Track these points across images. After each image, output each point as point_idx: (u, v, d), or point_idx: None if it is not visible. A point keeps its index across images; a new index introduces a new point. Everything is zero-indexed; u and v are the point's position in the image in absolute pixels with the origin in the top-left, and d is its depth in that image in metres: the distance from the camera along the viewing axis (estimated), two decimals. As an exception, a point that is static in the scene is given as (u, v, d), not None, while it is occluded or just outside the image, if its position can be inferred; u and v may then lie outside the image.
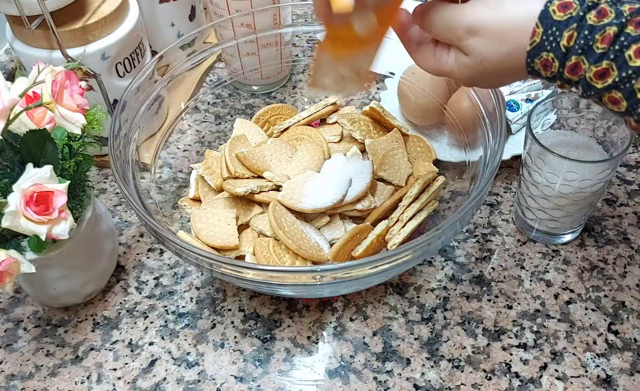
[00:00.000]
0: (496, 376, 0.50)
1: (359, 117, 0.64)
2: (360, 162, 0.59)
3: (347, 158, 0.60)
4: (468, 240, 0.61)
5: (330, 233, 0.56)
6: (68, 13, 0.60)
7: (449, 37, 0.41)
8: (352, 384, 0.50)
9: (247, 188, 0.56)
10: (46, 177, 0.44)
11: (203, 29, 0.65)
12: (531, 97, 0.70)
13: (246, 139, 0.63)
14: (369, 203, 0.57)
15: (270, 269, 0.46)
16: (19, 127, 0.47)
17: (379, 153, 0.61)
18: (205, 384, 0.51)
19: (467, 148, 0.60)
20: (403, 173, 0.60)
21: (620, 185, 0.65)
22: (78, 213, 0.50)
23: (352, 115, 0.64)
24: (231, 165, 0.58)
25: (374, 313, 0.55)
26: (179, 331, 0.54)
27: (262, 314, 0.55)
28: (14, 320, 0.56)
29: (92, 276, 0.55)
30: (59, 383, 0.51)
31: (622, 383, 0.49)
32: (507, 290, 0.56)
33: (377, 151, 0.61)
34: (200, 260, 0.45)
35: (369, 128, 0.64)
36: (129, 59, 0.65)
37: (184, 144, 0.67)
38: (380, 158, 0.61)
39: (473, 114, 0.58)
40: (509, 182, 0.66)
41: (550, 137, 0.59)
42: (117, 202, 0.67)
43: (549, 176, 0.55)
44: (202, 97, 0.71)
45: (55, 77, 0.45)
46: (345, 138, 0.65)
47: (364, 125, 0.64)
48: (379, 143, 0.62)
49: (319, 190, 0.55)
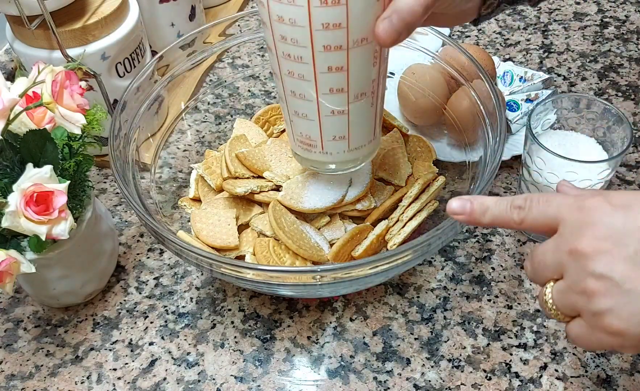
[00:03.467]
0: (496, 376, 0.50)
1: None
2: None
3: None
4: (468, 240, 0.61)
5: (330, 233, 0.56)
6: (68, 13, 0.60)
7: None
8: (352, 384, 0.50)
9: (247, 188, 0.56)
10: (46, 177, 0.44)
11: (203, 29, 0.65)
12: (531, 97, 0.70)
13: (246, 139, 0.63)
14: (369, 203, 0.57)
15: (270, 269, 0.46)
16: (19, 127, 0.47)
17: (379, 153, 0.61)
18: (205, 384, 0.51)
19: (467, 148, 0.60)
20: (403, 173, 0.60)
21: (620, 185, 0.65)
22: (78, 213, 0.50)
23: None
24: (231, 165, 0.58)
25: (374, 313, 0.55)
26: (179, 331, 0.54)
27: (262, 314, 0.55)
28: (14, 320, 0.56)
29: (92, 276, 0.55)
30: (59, 383, 0.51)
31: (622, 383, 0.49)
32: (507, 290, 0.56)
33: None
34: (200, 260, 0.45)
35: None
36: (129, 59, 0.65)
37: (184, 144, 0.67)
38: (381, 158, 0.61)
39: (473, 114, 0.58)
40: (509, 182, 0.66)
41: (550, 137, 0.59)
42: (117, 202, 0.67)
43: (549, 176, 0.55)
44: (202, 97, 0.71)
45: (55, 77, 0.45)
46: None
47: None
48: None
49: (319, 190, 0.55)
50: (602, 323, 0.35)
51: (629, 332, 0.34)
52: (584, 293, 0.35)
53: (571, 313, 0.37)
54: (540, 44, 0.85)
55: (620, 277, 0.34)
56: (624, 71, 0.79)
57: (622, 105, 0.74)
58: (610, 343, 0.36)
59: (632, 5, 0.91)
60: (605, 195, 0.36)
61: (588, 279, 0.35)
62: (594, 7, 0.92)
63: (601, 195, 0.36)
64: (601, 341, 0.36)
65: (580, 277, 0.35)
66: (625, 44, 0.84)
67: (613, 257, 0.34)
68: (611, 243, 0.34)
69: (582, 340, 0.37)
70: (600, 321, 0.35)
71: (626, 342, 0.35)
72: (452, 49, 0.61)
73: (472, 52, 0.59)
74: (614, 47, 0.84)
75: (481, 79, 0.56)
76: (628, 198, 0.35)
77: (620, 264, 0.34)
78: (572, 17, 0.90)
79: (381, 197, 0.58)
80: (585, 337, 0.36)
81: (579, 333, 0.37)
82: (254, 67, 0.81)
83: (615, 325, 0.34)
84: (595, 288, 0.34)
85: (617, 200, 0.35)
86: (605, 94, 0.76)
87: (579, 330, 0.37)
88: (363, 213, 0.57)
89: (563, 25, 0.89)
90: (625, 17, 0.89)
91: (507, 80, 0.73)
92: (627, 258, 0.34)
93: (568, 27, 0.88)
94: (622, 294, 0.34)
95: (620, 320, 0.34)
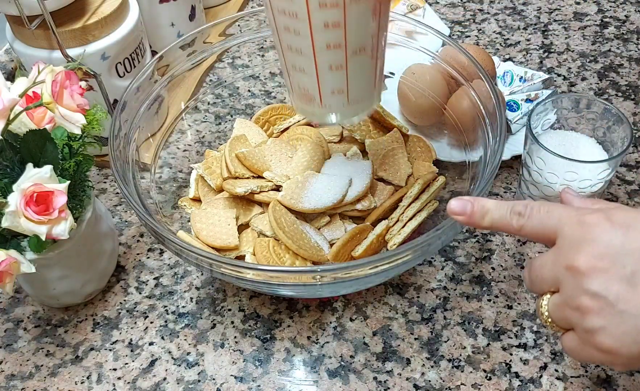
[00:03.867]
0: (496, 376, 0.50)
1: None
2: (360, 162, 0.59)
3: (347, 158, 0.60)
4: (468, 240, 0.61)
5: (330, 233, 0.56)
6: (68, 13, 0.60)
7: None
8: (352, 384, 0.50)
9: (247, 188, 0.56)
10: (46, 177, 0.44)
11: (203, 28, 0.65)
12: (531, 97, 0.70)
13: (246, 139, 0.63)
14: (369, 203, 0.57)
15: (270, 269, 0.46)
16: (19, 127, 0.47)
17: (379, 153, 0.61)
18: (205, 384, 0.51)
19: (467, 148, 0.60)
20: (403, 173, 0.60)
21: (620, 185, 0.65)
22: (78, 213, 0.50)
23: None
24: (231, 165, 0.58)
25: (374, 313, 0.55)
26: (179, 331, 0.54)
27: (262, 314, 0.55)
28: (14, 320, 0.56)
29: (92, 276, 0.55)
30: (59, 383, 0.51)
31: (622, 383, 0.49)
32: (507, 290, 0.56)
33: (377, 151, 0.61)
34: (200, 260, 0.45)
35: (369, 129, 0.64)
36: (129, 59, 0.65)
37: (184, 144, 0.67)
38: (380, 158, 0.61)
39: (473, 114, 0.58)
40: (509, 182, 0.66)
41: (550, 137, 0.59)
42: (117, 202, 0.67)
43: (549, 176, 0.55)
44: (202, 97, 0.71)
45: (55, 77, 0.45)
46: (345, 138, 0.65)
47: (363, 126, 0.64)
48: (379, 144, 0.62)
49: (318, 190, 0.55)
50: (594, 341, 0.35)
51: (620, 352, 0.34)
52: (578, 310, 0.35)
53: (565, 326, 0.38)
54: (540, 44, 0.85)
55: (615, 297, 0.34)
56: (624, 71, 0.79)
57: (622, 105, 0.74)
58: (601, 359, 0.36)
59: (632, 5, 0.91)
60: (606, 211, 0.36)
61: (583, 296, 0.35)
62: (594, 7, 0.92)
63: (602, 212, 0.36)
64: (592, 356, 0.36)
65: (576, 293, 0.35)
66: (625, 44, 0.84)
67: (609, 276, 0.34)
68: (608, 262, 0.34)
69: (574, 353, 0.38)
70: (592, 338, 0.35)
71: (617, 360, 0.35)
72: (452, 49, 0.61)
73: (472, 52, 0.59)
74: (614, 47, 0.84)
75: (481, 79, 0.56)
76: (629, 217, 0.35)
77: (615, 284, 0.34)
78: (572, 17, 0.90)
79: (381, 197, 0.58)
80: (577, 351, 0.37)
81: (571, 346, 0.37)
82: (254, 67, 0.81)
83: (606, 344, 0.35)
84: (589, 306, 0.35)
85: (617, 218, 0.35)
86: (605, 94, 0.76)
87: (571, 343, 0.37)
88: (363, 213, 0.57)
89: (563, 25, 0.89)
90: (625, 17, 0.89)
91: (507, 80, 0.73)
92: (623, 278, 0.34)
93: (568, 27, 0.88)
94: (615, 314, 0.34)
95: (612, 339, 0.34)
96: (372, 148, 0.61)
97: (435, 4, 0.94)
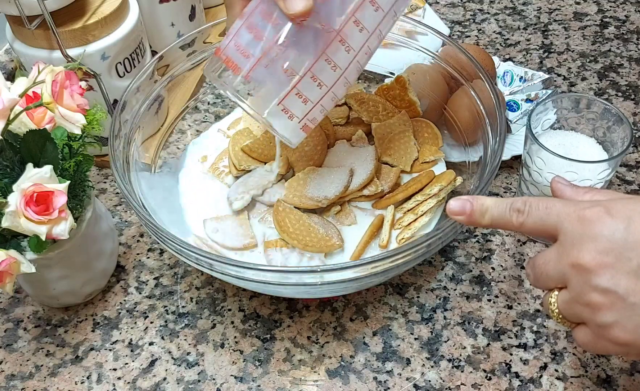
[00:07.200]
0: (496, 376, 0.50)
1: (368, 97, 0.63)
2: (363, 149, 0.59)
3: (350, 147, 0.60)
4: (468, 240, 0.61)
5: (341, 222, 0.56)
6: (68, 13, 0.60)
7: None
8: (352, 384, 0.50)
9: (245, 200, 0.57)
10: (46, 177, 0.44)
11: (203, 28, 0.65)
12: (531, 97, 0.70)
13: (250, 132, 0.63)
14: (375, 187, 0.57)
15: (271, 269, 0.46)
16: (19, 127, 0.47)
17: (385, 137, 0.61)
18: (205, 384, 0.51)
19: (467, 148, 0.60)
20: (409, 158, 0.60)
21: (620, 185, 0.65)
22: (78, 213, 0.50)
23: (362, 95, 0.64)
24: (235, 159, 0.59)
25: (374, 313, 0.55)
26: (179, 331, 0.54)
27: (262, 314, 0.55)
28: (14, 320, 0.56)
29: (92, 276, 0.55)
30: (59, 383, 0.51)
31: (622, 383, 0.49)
32: (507, 290, 0.56)
33: (383, 135, 0.61)
34: (200, 260, 0.45)
35: (377, 110, 0.63)
36: (129, 59, 0.65)
37: (184, 144, 0.67)
38: (386, 142, 0.60)
39: (473, 114, 0.58)
40: (509, 182, 0.66)
41: (550, 137, 0.59)
42: (117, 202, 0.67)
43: (549, 176, 0.55)
44: (202, 97, 0.71)
45: (55, 77, 0.45)
46: (352, 121, 0.64)
47: (372, 106, 0.63)
48: (385, 127, 0.61)
49: (320, 185, 0.56)
50: (608, 335, 0.35)
51: (636, 343, 0.35)
52: (589, 306, 0.36)
53: (577, 321, 0.38)
54: (540, 44, 0.85)
55: (624, 291, 0.34)
56: (624, 71, 0.79)
57: (622, 105, 0.74)
58: (615, 351, 0.37)
59: (632, 5, 0.91)
60: (605, 204, 0.36)
61: (592, 293, 0.35)
62: (594, 7, 0.92)
63: (601, 205, 0.36)
64: (607, 348, 0.37)
65: (584, 290, 0.36)
66: (625, 44, 0.84)
67: (616, 271, 0.34)
68: (613, 257, 0.35)
69: (588, 347, 0.38)
70: (606, 332, 0.35)
71: (631, 350, 0.36)
72: (452, 49, 0.61)
73: (472, 52, 0.59)
74: (614, 47, 0.84)
75: (481, 79, 0.56)
76: (628, 209, 0.35)
77: (623, 278, 0.34)
78: (572, 17, 0.90)
79: (387, 180, 0.58)
80: (591, 344, 0.37)
81: (584, 340, 0.38)
82: (254, 67, 0.81)
83: (621, 337, 0.35)
84: (600, 302, 0.35)
85: (617, 211, 0.35)
86: (605, 94, 0.76)
87: (585, 338, 0.38)
88: (371, 199, 0.58)
89: (563, 25, 0.89)
90: (625, 17, 0.89)
91: (507, 80, 0.73)
92: (631, 271, 0.34)
93: (568, 27, 0.88)
94: (626, 307, 0.34)
95: (626, 332, 0.35)
96: (378, 131, 0.61)
97: (435, 4, 0.94)
